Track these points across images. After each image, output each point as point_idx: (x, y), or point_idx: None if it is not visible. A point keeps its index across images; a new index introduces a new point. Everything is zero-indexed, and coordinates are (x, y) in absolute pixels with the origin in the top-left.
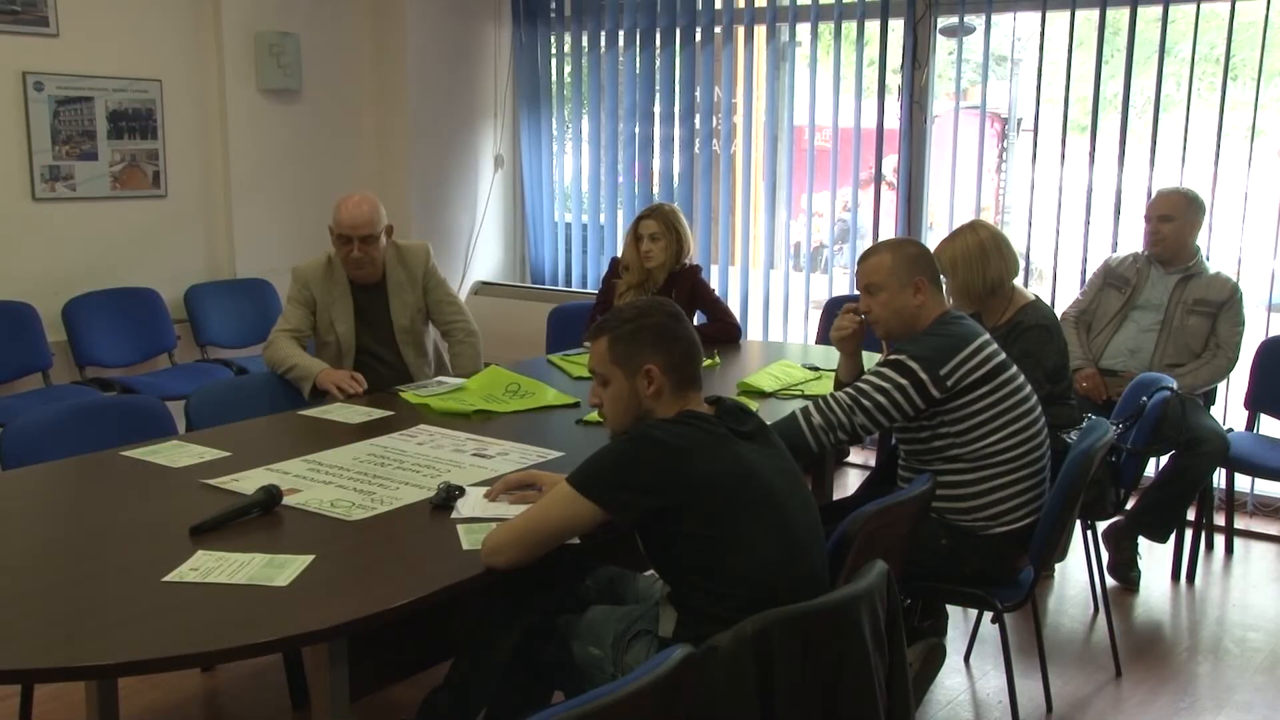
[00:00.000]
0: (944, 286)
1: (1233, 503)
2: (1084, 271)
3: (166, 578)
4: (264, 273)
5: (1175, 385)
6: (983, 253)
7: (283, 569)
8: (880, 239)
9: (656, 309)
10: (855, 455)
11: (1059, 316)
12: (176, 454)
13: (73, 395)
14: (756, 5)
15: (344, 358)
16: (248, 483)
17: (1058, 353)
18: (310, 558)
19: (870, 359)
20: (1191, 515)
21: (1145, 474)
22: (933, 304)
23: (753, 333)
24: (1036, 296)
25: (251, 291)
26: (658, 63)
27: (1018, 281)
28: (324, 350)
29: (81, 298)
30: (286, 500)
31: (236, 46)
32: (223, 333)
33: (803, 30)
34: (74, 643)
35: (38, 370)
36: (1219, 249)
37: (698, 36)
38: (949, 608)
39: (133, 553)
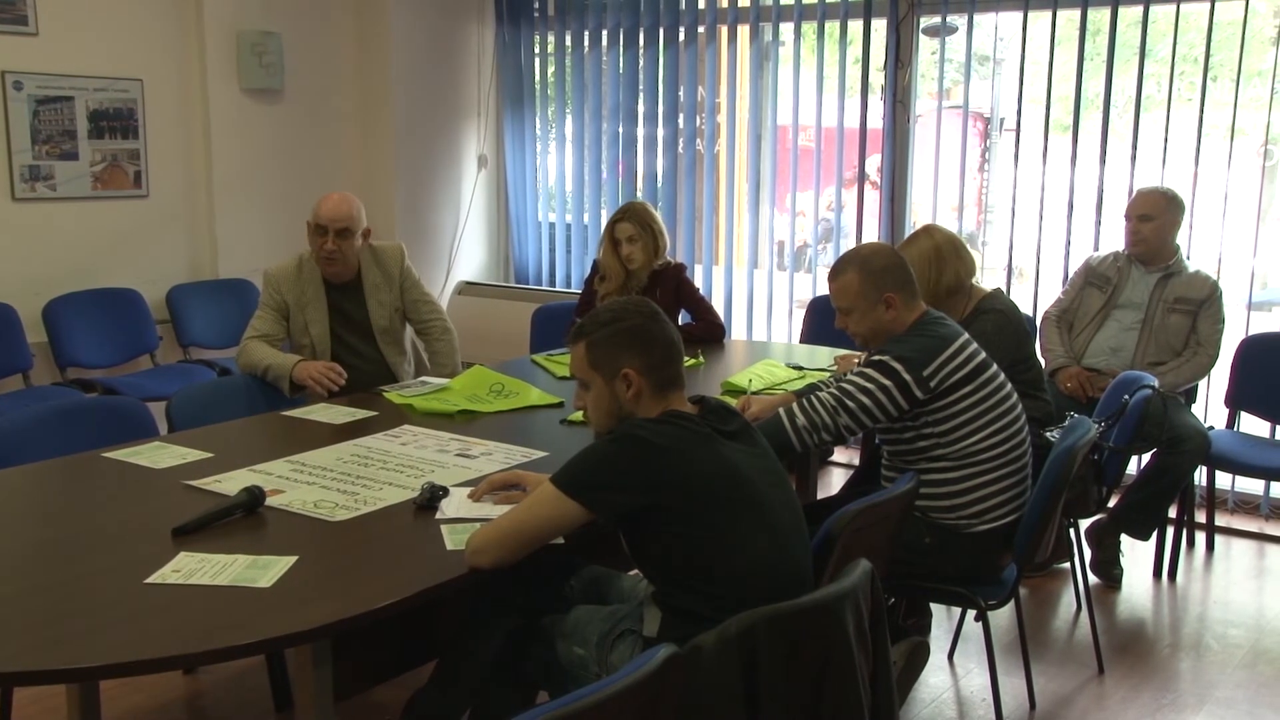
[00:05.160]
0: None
1: (1214, 500)
2: (1066, 270)
3: (149, 579)
4: (247, 273)
5: (1157, 383)
6: (938, 256)
7: (266, 570)
8: (864, 239)
9: (633, 311)
10: (839, 454)
11: (1041, 315)
12: (159, 455)
13: (54, 396)
14: (740, 5)
15: (319, 359)
16: (230, 484)
17: (1015, 342)
18: (293, 559)
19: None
20: (1173, 513)
21: (1127, 472)
22: (907, 313)
23: (737, 332)
24: (997, 288)
25: (234, 292)
26: (641, 62)
27: (989, 285)
28: (299, 353)
29: (62, 298)
30: (270, 501)
31: (218, 46)
32: (205, 333)
33: (786, 30)
34: (55, 645)
35: (18, 371)
36: (1199, 248)
37: (681, 36)
38: (933, 606)
39: (115, 555)
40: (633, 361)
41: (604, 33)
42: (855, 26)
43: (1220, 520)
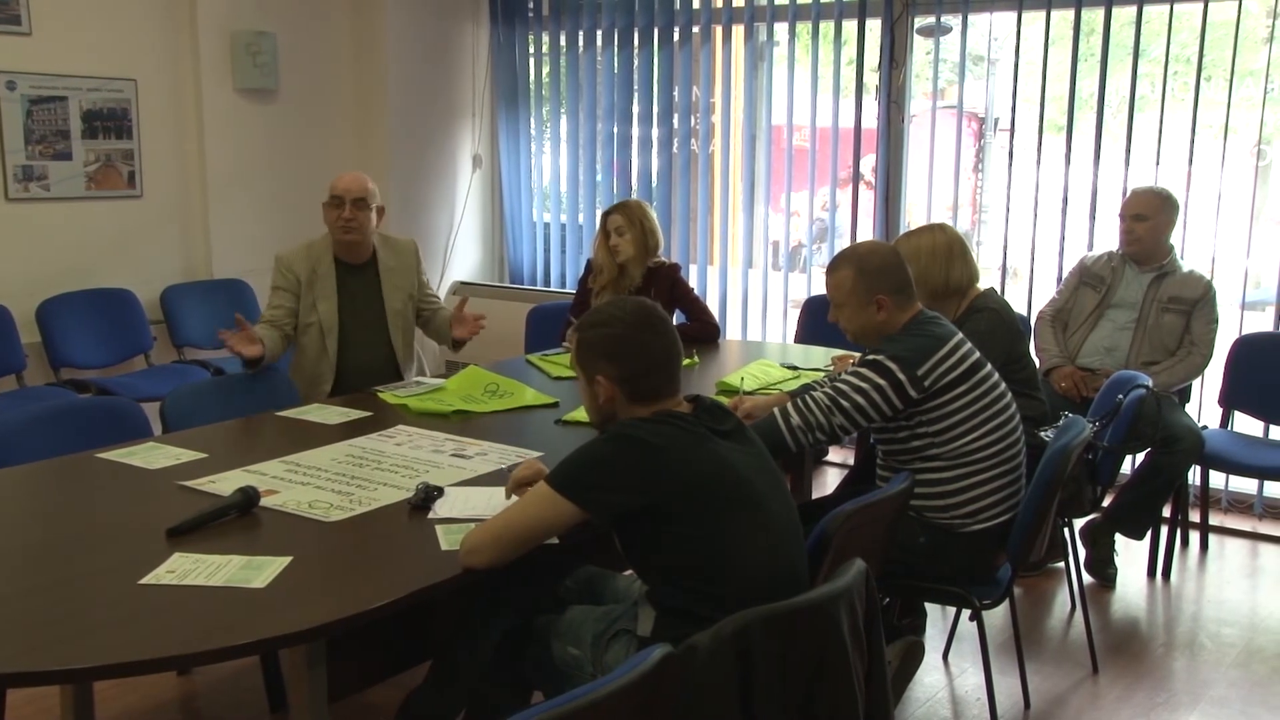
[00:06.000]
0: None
1: (1207, 500)
2: (1060, 270)
3: (143, 580)
4: (241, 273)
5: (1151, 383)
6: (949, 252)
7: (260, 571)
8: (858, 239)
9: (625, 317)
10: (834, 454)
11: (1036, 315)
12: (153, 456)
13: (48, 397)
14: (735, 5)
15: (327, 337)
16: (225, 484)
17: (1008, 340)
18: (288, 559)
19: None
20: (1167, 512)
21: (1121, 471)
22: (899, 314)
23: (731, 332)
24: (990, 287)
25: (229, 292)
26: (636, 62)
27: (983, 284)
28: (306, 333)
29: (56, 299)
30: (264, 501)
31: (212, 46)
32: (199, 334)
33: (781, 30)
34: (50, 646)
35: (12, 372)
36: (1193, 247)
37: (676, 36)
38: (927, 605)
39: (109, 555)
40: (607, 369)
41: (599, 33)
42: (850, 26)
43: (1214, 520)
